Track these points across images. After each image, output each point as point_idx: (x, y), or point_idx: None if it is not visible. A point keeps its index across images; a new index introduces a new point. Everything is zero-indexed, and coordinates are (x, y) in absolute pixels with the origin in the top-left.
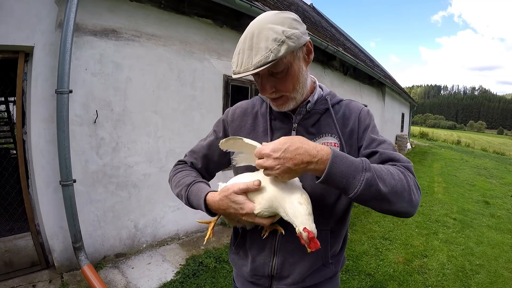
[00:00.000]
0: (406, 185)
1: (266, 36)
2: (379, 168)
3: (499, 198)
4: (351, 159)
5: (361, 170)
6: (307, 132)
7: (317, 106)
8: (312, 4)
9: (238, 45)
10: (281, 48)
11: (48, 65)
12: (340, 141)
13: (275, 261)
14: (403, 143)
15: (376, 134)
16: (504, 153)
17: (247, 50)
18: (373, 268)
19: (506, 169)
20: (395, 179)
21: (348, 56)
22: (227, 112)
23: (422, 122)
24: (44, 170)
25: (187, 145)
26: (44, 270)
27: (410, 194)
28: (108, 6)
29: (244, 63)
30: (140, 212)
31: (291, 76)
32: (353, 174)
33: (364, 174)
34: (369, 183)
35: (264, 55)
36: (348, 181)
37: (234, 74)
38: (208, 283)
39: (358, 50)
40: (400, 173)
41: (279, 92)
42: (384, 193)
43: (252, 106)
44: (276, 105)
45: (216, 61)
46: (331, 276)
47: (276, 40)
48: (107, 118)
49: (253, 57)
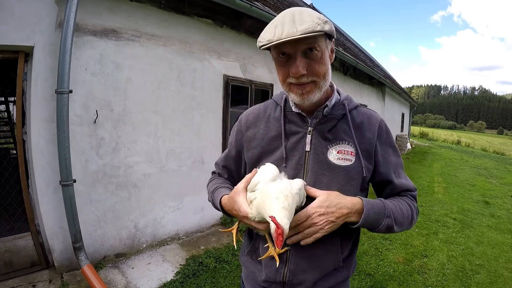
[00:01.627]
0: (411, 217)
1: (309, 14)
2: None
3: (499, 198)
4: (378, 207)
5: (384, 216)
6: (323, 138)
7: (334, 111)
8: (312, 4)
9: (272, 22)
10: (325, 25)
11: (48, 65)
12: (356, 150)
13: (287, 268)
14: (403, 143)
15: (394, 154)
16: (504, 153)
17: (289, 22)
18: (373, 268)
19: (506, 169)
20: (404, 217)
21: (348, 56)
22: (241, 120)
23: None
24: (44, 170)
25: (187, 145)
26: (44, 270)
27: (411, 222)
28: (108, 6)
29: (286, 31)
30: (140, 212)
31: (324, 62)
32: (378, 219)
33: (386, 220)
34: (389, 226)
35: (312, 24)
36: (373, 225)
37: (269, 43)
38: (208, 283)
39: (358, 50)
40: (409, 209)
41: (310, 75)
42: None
43: (265, 110)
44: (302, 94)
45: (216, 61)
46: (342, 280)
47: (320, 19)
48: (107, 118)
49: (297, 26)
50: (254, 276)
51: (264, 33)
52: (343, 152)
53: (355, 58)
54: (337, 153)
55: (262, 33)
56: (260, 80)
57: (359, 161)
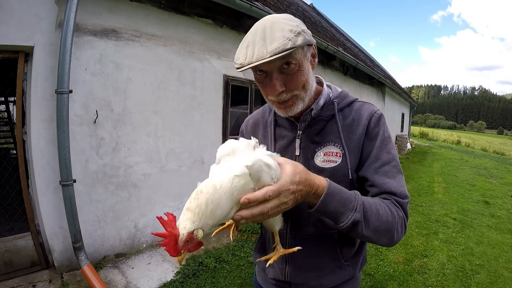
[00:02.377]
0: (391, 225)
1: (281, 27)
2: (369, 207)
3: (499, 198)
4: (345, 196)
5: (352, 209)
6: (311, 141)
7: (323, 112)
8: (312, 4)
9: (244, 39)
10: (298, 38)
11: (48, 65)
12: (344, 151)
13: (288, 268)
14: (403, 143)
15: (383, 150)
16: (504, 153)
17: (259, 41)
18: (373, 268)
19: (506, 169)
20: (381, 221)
21: (348, 56)
22: (243, 126)
23: (422, 122)
24: (44, 170)
25: (187, 145)
26: (44, 270)
27: (392, 234)
28: (108, 6)
29: (256, 53)
30: (140, 212)
31: (302, 74)
32: (342, 210)
33: (353, 215)
34: (355, 224)
35: (282, 42)
36: (335, 215)
37: (242, 67)
38: (208, 283)
39: (358, 50)
40: (389, 214)
41: (289, 91)
42: (365, 234)
43: (263, 115)
44: (285, 108)
45: (216, 61)
46: (349, 278)
47: (292, 31)
48: (107, 118)
49: (267, 45)
50: (264, 273)
51: (238, 53)
52: (329, 154)
53: (355, 58)
54: (324, 156)
55: (236, 53)
56: None
57: (345, 162)
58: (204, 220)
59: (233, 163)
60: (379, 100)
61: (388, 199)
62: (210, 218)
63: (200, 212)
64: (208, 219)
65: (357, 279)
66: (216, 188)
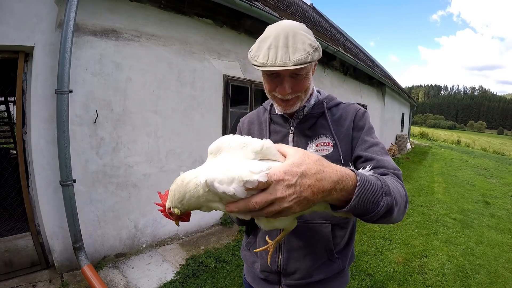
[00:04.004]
0: (405, 198)
1: (302, 39)
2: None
3: (499, 198)
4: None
5: (382, 192)
6: (303, 135)
7: (313, 110)
8: (312, 4)
9: (264, 40)
10: (315, 53)
11: (48, 65)
12: (335, 141)
13: (281, 257)
14: (403, 143)
15: (369, 136)
16: (504, 153)
17: (282, 47)
18: (373, 268)
19: (506, 169)
20: (402, 196)
21: (348, 56)
22: (239, 125)
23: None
24: (44, 170)
25: (187, 145)
26: (44, 270)
27: (405, 208)
28: (108, 6)
29: (279, 58)
30: (140, 212)
31: (308, 80)
32: (375, 198)
33: (385, 199)
34: (389, 208)
35: (304, 55)
36: (368, 206)
37: (263, 67)
38: (208, 283)
39: (358, 50)
40: (400, 186)
41: (295, 92)
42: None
43: (257, 115)
44: (285, 106)
45: (216, 61)
46: (338, 272)
47: (312, 46)
48: (107, 118)
49: (290, 54)
50: (253, 267)
51: (258, 51)
52: (321, 144)
53: (355, 58)
54: (316, 146)
55: (255, 50)
56: (260, 80)
57: (337, 150)
58: (174, 204)
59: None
60: (379, 100)
61: (387, 173)
62: (178, 203)
63: (170, 196)
64: (176, 203)
65: (346, 275)
66: (183, 183)
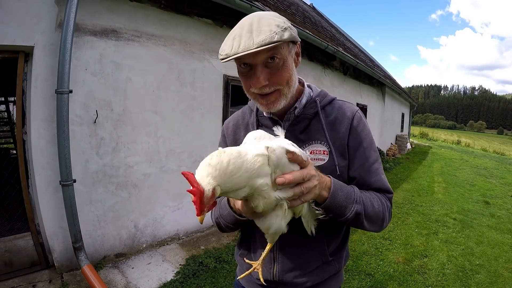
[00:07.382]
0: (382, 216)
1: (268, 22)
2: (365, 199)
3: (499, 198)
4: (347, 190)
5: (353, 201)
6: (296, 139)
7: (306, 110)
8: (312, 4)
9: (231, 33)
10: (284, 33)
11: (48, 65)
12: (330, 149)
13: (275, 268)
14: (403, 143)
15: (368, 149)
16: (504, 153)
17: (246, 33)
18: (373, 268)
19: (506, 169)
20: (375, 212)
21: (348, 56)
22: (223, 129)
23: (422, 122)
24: (44, 170)
25: (187, 145)
26: (44, 270)
27: (382, 225)
28: (108, 6)
29: (242, 44)
30: (140, 212)
31: (286, 69)
32: (346, 203)
33: (354, 206)
34: (358, 215)
35: (269, 35)
36: (340, 209)
37: (227, 57)
38: (208, 283)
39: (358, 50)
40: (381, 204)
41: (273, 85)
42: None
43: (243, 117)
44: (267, 104)
45: (216, 61)
46: (334, 273)
47: (279, 26)
48: (107, 118)
49: (254, 38)
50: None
51: (224, 45)
52: (315, 152)
53: (355, 58)
54: (310, 154)
55: (222, 45)
56: None
57: (332, 160)
58: (224, 178)
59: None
60: (379, 100)
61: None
62: (229, 179)
63: (221, 169)
64: (227, 178)
65: (341, 274)
66: (240, 155)
